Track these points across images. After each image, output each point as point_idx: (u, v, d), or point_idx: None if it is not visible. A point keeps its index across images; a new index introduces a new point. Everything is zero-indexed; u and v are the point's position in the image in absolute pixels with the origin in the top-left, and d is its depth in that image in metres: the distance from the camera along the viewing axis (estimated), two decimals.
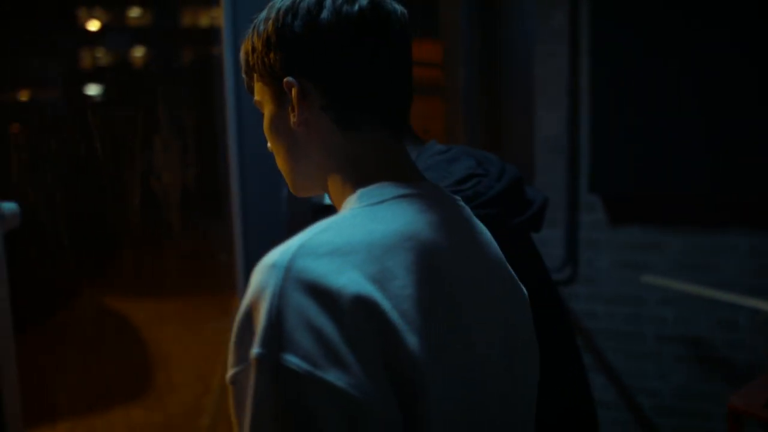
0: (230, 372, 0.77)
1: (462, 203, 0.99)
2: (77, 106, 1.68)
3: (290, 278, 0.74)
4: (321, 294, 0.73)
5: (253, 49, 0.95)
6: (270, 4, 0.95)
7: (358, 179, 0.92)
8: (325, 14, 0.89)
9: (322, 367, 0.71)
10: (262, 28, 0.93)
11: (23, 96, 1.92)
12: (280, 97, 0.94)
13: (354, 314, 0.73)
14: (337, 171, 0.93)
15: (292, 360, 0.71)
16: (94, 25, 2.52)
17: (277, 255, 0.77)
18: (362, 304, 0.74)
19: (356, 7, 0.90)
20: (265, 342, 0.73)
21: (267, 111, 0.97)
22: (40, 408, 2.35)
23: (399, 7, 0.94)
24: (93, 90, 2.37)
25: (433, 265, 0.83)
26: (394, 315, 0.75)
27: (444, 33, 3.48)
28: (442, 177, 1.37)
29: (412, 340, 0.75)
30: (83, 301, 2.38)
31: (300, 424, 0.71)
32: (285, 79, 0.91)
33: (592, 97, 3.23)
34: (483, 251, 0.96)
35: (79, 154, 1.77)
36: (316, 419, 0.71)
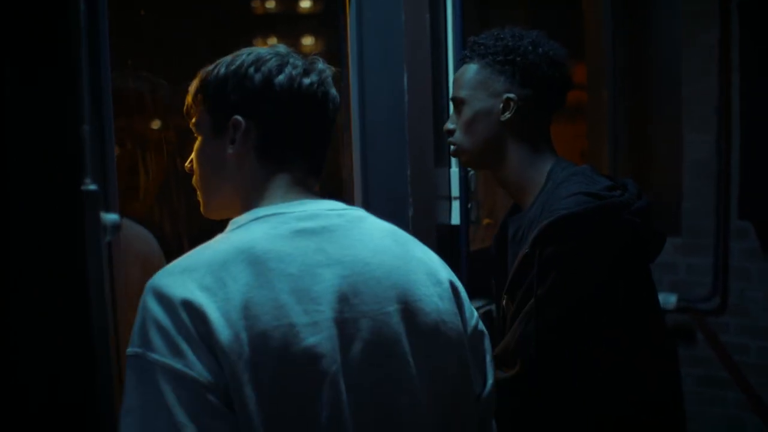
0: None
1: (361, 213, 1.15)
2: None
3: (150, 292, 0.98)
4: (164, 301, 0.95)
5: (209, 84, 1.13)
6: (236, 53, 1.15)
7: (253, 203, 1.11)
8: (282, 78, 1.10)
9: (165, 356, 0.93)
10: (223, 70, 1.12)
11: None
12: (219, 128, 1.12)
13: (184, 314, 0.95)
14: (248, 198, 1.12)
15: (152, 355, 0.93)
16: None
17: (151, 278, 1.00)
18: (189, 306, 0.95)
19: (308, 81, 1.12)
20: (136, 342, 0.95)
21: (202, 136, 1.16)
22: None
23: (334, 92, 1.17)
24: None
25: (264, 271, 0.99)
26: (214, 314, 0.95)
27: (588, 54, 3.43)
28: (592, 182, 1.47)
29: (225, 333, 0.94)
30: None
31: (153, 402, 0.93)
32: (234, 117, 1.10)
33: (742, 118, 3.05)
34: (367, 262, 1.08)
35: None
36: (164, 394, 0.93)
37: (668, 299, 3.23)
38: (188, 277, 0.98)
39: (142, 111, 1.76)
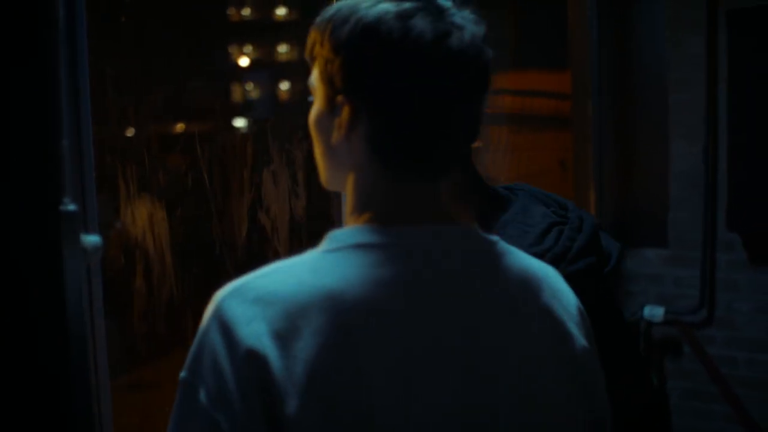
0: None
1: (500, 247, 0.92)
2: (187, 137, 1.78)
3: (216, 316, 0.81)
4: (229, 338, 0.79)
5: (321, 44, 0.90)
6: (352, 4, 0.88)
7: (362, 209, 0.90)
8: (409, 44, 0.82)
9: (215, 407, 0.78)
10: (336, 33, 0.88)
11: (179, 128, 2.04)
12: (331, 103, 0.90)
13: (246, 365, 0.78)
14: (360, 197, 0.91)
15: (201, 392, 0.79)
16: (244, 61, 2.68)
17: (221, 290, 0.84)
18: (254, 358, 0.78)
19: (450, 43, 0.83)
20: (189, 367, 0.82)
21: (317, 105, 0.94)
22: None
23: (487, 51, 0.88)
24: (239, 123, 2.50)
25: (350, 329, 0.80)
26: (281, 375, 0.77)
27: (573, 63, 3.39)
28: (523, 233, 1.31)
29: (291, 402, 0.77)
30: None
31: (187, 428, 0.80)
32: (339, 97, 0.88)
33: (730, 128, 3.03)
34: (484, 308, 0.88)
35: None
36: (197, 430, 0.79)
37: (656, 312, 3.19)
38: (261, 313, 0.80)
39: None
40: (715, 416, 3.20)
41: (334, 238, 0.88)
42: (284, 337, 0.79)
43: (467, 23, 0.86)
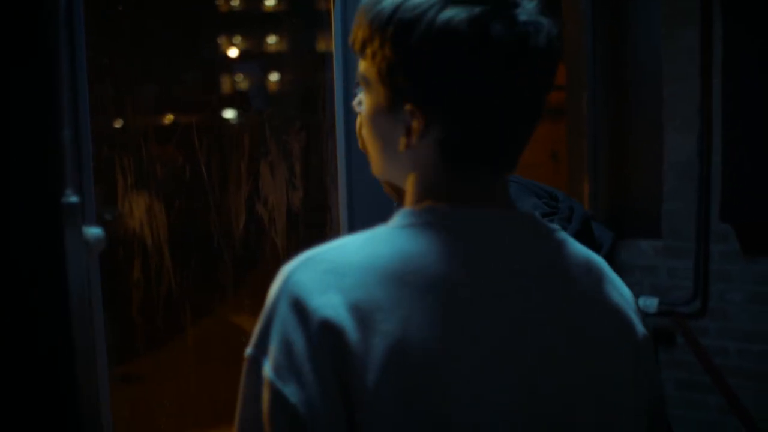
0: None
1: (560, 235, 0.92)
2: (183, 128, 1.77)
3: (285, 289, 0.78)
4: (301, 310, 0.76)
5: (381, 44, 0.84)
6: (414, 3, 0.82)
7: (426, 198, 0.88)
8: (486, 53, 0.79)
9: (283, 379, 0.75)
10: (402, 36, 0.82)
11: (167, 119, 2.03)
12: (395, 106, 0.86)
13: (321, 336, 0.75)
14: (418, 188, 0.89)
15: (266, 367, 0.76)
16: (233, 52, 2.67)
17: (290, 263, 0.81)
18: (329, 329, 0.75)
19: (529, 48, 0.81)
20: (255, 344, 0.79)
21: (373, 102, 0.89)
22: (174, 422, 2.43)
23: (560, 49, 0.86)
24: (229, 114, 2.49)
25: (433, 304, 0.78)
26: (359, 348, 0.75)
27: (567, 55, 3.39)
28: None
29: (369, 377, 0.74)
30: (215, 318, 2.45)
31: (257, 420, 0.77)
32: (409, 106, 0.84)
33: (724, 119, 3.03)
34: (555, 290, 0.88)
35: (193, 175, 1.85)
36: (268, 422, 0.76)
37: (650, 302, 3.20)
38: (334, 283, 0.77)
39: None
40: (709, 406, 3.22)
41: (408, 214, 0.86)
42: (361, 308, 0.76)
43: (542, 23, 0.83)
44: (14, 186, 0.89)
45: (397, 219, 0.86)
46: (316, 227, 1.95)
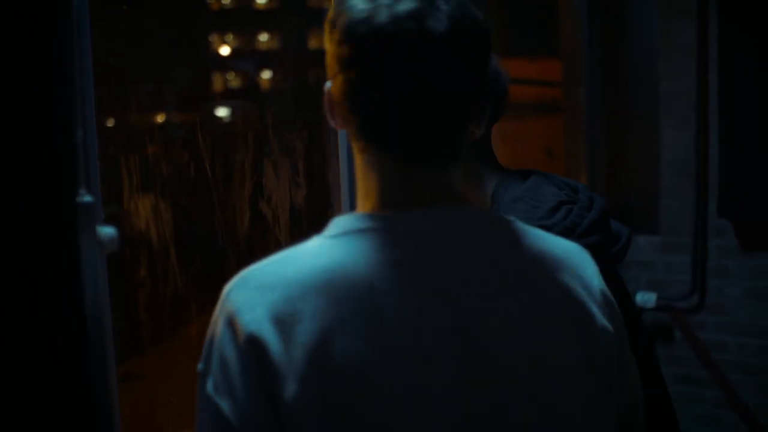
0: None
1: (515, 227, 0.91)
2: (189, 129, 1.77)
3: (222, 308, 0.83)
4: (233, 327, 0.80)
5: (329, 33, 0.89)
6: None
7: (367, 197, 0.90)
8: (382, 18, 0.81)
9: (219, 394, 0.79)
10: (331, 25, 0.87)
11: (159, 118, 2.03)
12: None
13: (248, 351, 0.79)
14: (362, 183, 0.92)
15: (209, 383, 0.81)
16: (225, 50, 2.67)
17: (230, 281, 0.86)
18: (254, 343, 0.79)
19: (428, 25, 0.80)
20: (203, 360, 0.83)
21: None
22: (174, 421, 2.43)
23: (473, 30, 0.85)
24: (222, 112, 2.49)
25: (350, 312, 0.79)
26: (282, 360, 0.77)
27: (564, 51, 3.40)
28: (533, 208, 1.33)
29: (290, 387, 0.77)
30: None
31: (201, 415, 0.81)
32: (326, 84, 0.89)
33: (721, 115, 3.05)
34: (497, 284, 0.86)
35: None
36: (206, 420, 0.80)
37: (648, 298, 3.22)
38: (261, 298, 0.80)
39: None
40: (707, 401, 3.24)
41: (337, 223, 0.88)
42: (284, 321, 0.79)
43: (439, 7, 0.83)
44: (31, 186, 0.89)
45: (329, 228, 0.88)
46: (318, 224, 1.94)
